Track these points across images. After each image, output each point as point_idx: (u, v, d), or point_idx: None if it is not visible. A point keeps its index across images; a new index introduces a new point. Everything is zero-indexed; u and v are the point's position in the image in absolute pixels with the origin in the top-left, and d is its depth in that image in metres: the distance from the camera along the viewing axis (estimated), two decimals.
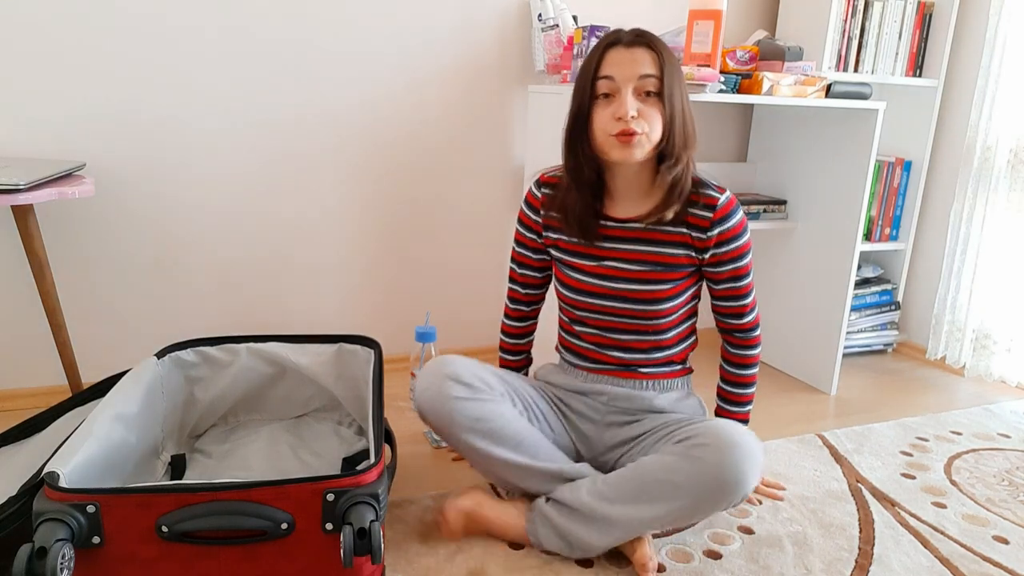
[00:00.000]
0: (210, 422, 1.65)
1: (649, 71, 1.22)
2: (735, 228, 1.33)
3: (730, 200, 1.32)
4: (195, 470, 1.48)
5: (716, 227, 1.31)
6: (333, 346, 1.62)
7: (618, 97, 1.23)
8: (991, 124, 2.21)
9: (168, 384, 1.51)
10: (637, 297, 1.34)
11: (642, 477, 1.22)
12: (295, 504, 1.03)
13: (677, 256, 1.34)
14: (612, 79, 1.23)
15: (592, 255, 1.37)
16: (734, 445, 1.17)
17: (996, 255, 2.25)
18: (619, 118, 1.22)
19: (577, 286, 1.38)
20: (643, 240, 1.34)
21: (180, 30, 1.76)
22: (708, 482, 1.17)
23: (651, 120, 1.23)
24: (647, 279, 1.34)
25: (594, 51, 1.26)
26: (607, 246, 1.36)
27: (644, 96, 1.23)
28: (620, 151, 1.24)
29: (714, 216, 1.31)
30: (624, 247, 1.35)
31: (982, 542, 1.43)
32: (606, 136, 1.24)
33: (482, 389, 1.31)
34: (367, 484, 1.06)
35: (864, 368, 2.39)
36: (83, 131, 1.73)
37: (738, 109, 2.41)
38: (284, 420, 1.71)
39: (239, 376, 1.61)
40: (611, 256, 1.35)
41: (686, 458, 1.19)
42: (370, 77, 1.95)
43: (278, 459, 1.53)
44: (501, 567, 1.27)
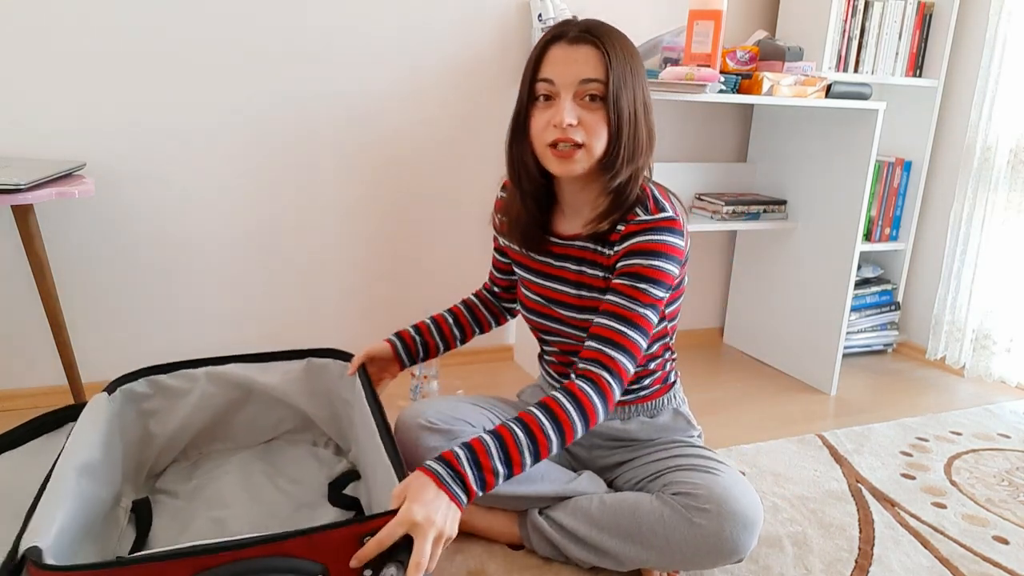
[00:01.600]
0: (170, 458, 1.49)
1: (593, 75, 1.07)
2: (645, 245, 1.12)
3: (656, 220, 1.12)
4: (164, 515, 1.33)
5: (623, 241, 1.14)
6: (301, 362, 1.49)
7: (557, 102, 1.09)
8: (991, 124, 2.21)
9: (122, 422, 1.35)
10: (581, 325, 1.23)
11: (637, 519, 1.17)
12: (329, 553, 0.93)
13: (598, 278, 1.20)
14: (551, 82, 1.09)
15: (539, 271, 1.27)
16: (734, 515, 1.11)
17: (996, 255, 2.25)
18: (555, 126, 1.09)
19: (528, 304, 1.31)
20: (580, 260, 1.21)
21: (180, 30, 1.76)
22: (704, 549, 1.13)
23: (593, 130, 1.09)
24: (582, 306, 1.22)
25: (535, 47, 1.12)
26: (554, 264, 1.24)
27: (587, 101, 1.09)
28: (557, 164, 1.11)
29: (625, 230, 1.14)
30: (569, 267, 1.23)
31: (982, 542, 1.43)
32: (543, 145, 1.11)
33: (457, 431, 1.23)
34: None
35: (864, 368, 2.39)
36: (83, 131, 1.73)
37: (738, 109, 2.41)
38: (253, 447, 1.55)
39: (199, 404, 1.45)
40: (557, 275, 1.24)
41: (684, 520, 1.13)
42: (370, 77, 1.95)
43: (257, 491, 1.40)
44: (501, 567, 1.27)
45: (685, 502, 1.15)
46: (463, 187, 2.13)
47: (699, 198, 2.26)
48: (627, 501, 1.20)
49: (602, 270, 1.19)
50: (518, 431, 1.02)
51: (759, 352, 2.43)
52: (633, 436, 1.33)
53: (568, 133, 1.08)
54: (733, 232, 2.53)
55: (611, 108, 1.09)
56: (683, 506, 1.15)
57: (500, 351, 2.29)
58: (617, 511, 1.20)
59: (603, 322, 1.12)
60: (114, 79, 1.73)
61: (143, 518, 1.31)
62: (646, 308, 1.11)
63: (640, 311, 1.11)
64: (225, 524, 1.28)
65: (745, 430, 1.88)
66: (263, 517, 1.31)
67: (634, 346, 1.11)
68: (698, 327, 2.60)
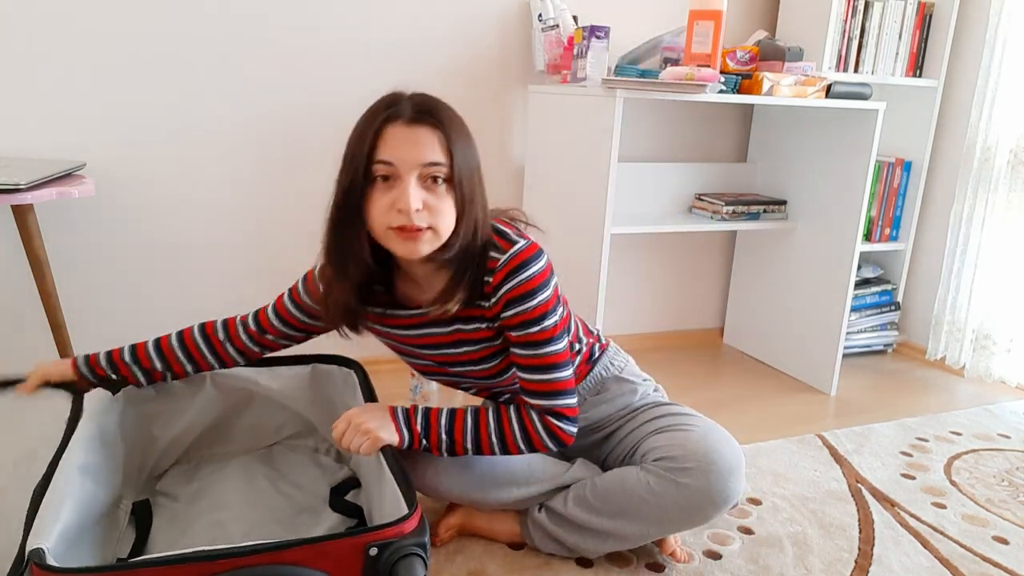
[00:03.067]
0: (171, 460, 1.48)
1: (436, 158, 1.03)
2: (521, 287, 1.10)
3: (515, 256, 1.10)
4: (164, 517, 1.31)
5: (497, 290, 1.11)
6: (305, 367, 1.49)
7: (399, 184, 1.02)
8: (991, 124, 2.21)
9: (124, 423, 1.34)
10: (478, 376, 1.23)
11: (627, 494, 1.19)
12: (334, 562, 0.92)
13: (480, 331, 1.17)
14: (391, 164, 1.02)
15: (411, 344, 1.23)
16: (716, 466, 1.14)
17: (996, 255, 2.25)
18: (399, 210, 1.02)
19: (421, 369, 1.29)
20: (453, 320, 1.16)
21: (180, 30, 1.76)
22: (697, 504, 1.16)
23: (439, 212, 1.04)
24: (474, 360, 1.20)
25: (368, 123, 1.05)
26: (423, 333, 1.20)
27: (431, 183, 1.04)
28: (403, 245, 1.04)
29: (494, 280, 1.11)
30: (436, 331, 1.19)
31: (982, 542, 1.43)
32: (384, 228, 1.04)
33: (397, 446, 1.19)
34: (412, 533, 0.96)
35: (864, 368, 2.39)
36: (83, 131, 1.73)
37: (738, 109, 2.41)
38: (254, 451, 1.54)
39: (202, 407, 1.44)
40: (431, 343, 1.21)
41: (670, 483, 1.16)
42: (371, 77, 1.95)
43: (258, 495, 1.38)
44: (501, 567, 1.27)
45: (667, 465, 1.17)
46: None
47: (699, 198, 2.26)
48: (614, 478, 1.23)
49: (484, 321, 1.16)
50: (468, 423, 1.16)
51: (759, 352, 2.43)
52: (592, 420, 1.35)
53: (415, 219, 1.02)
54: (733, 232, 2.52)
55: (458, 190, 1.06)
56: (666, 469, 1.17)
57: None
58: (608, 490, 1.22)
59: (527, 376, 1.15)
60: (114, 80, 1.73)
61: (143, 520, 1.30)
62: (552, 344, 1.13)
63: (548, 350, 1.13)
64: (225, 527, 1.28)
65: (745, 430, 1.88)
66: (263, 521, 1.31)
67: (564, 384, 1.15)
68: (698, 327, 2.60)
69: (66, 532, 0.98)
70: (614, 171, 1.77)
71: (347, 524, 1.31)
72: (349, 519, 1.33)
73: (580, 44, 1.88)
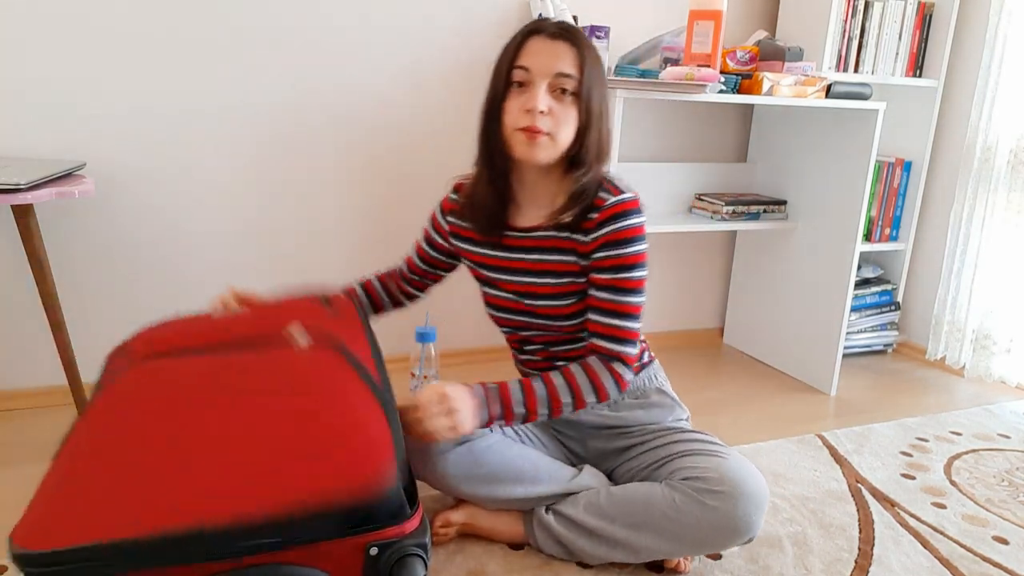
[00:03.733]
0: None
1: (568, 70, 1.13)
2: (622, 232, 1.18)
3: (624, 202, 1.18)
4: None
5: (600, 228, 1.19)
6: None
7: (530, 89, 1.14)
8: (991, 124, 2.21)
9: None
10: (550, 313, 1.26)
11: (649, 507, 1.19)
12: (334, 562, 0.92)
13: (568, 263, 1.23)
14: (527, 70, 1.14)
15: (499, 267, 1.29)
16: (747, 496, 1.14)
17: (996, 255, 2.25)
18: (527, 111, 1.13)
19: (497, 304, 1.32)
20: (544, 249, 1.24)
21: (180, 30, 1.76)
22: (718, 529, 1.15)
23: (561, 121, 1.15)
24: (553, 294, 1.25)
25: (515, 37, 1.17)
26: (511, 256, 1.27)
27: (559, 94, 1.14)
28: (524, 148, 1.15)
29: (599, 217, 1.19)
30: (528, 257, 1.25)
31: (982, 542, 1.43)
32: (513, 129, 1.16)
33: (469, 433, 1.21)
34: (412, 533, 0.95)
35: (864, 368, 2.39)
36: (83, 131, 1.73)
37: (738, 109, 2.41)
38: None
39: None
40: (517, 268, 1.27)
41: (697, 503, 1.16)
42: (370, 77, 1.95)
43: None
44: (501, 567, 1.27)
45: (697, 485, 1.17)
46: None
47: (699, 198, 2.26)
48: (636, 491, 1.22)
49: (575, 255, 1.22)
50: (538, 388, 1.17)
51: (759, 352, 2.43)
52: (625, 422, 1.35)
53: (538, 120, 1.13)
54: (733, 232, 2.53)
55: (583, 104, 1.15)
56: (695, 490, 1.17)
57: (501, 351, 2.29)
58: (627, 501, 1.21)
59: (598, 319, 1.21)
60: (114, 79, 1.73)
61: None
62: (634, 295, 1.20)
63: (630, 300, 1.20)
64: None
65: (745, 430, 1.88)
66: None
67: (632, 333, 1.21)
68: (698, 327, 2.60)
69: None
70: (614, 171, 1.77)
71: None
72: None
73: None
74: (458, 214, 1.34)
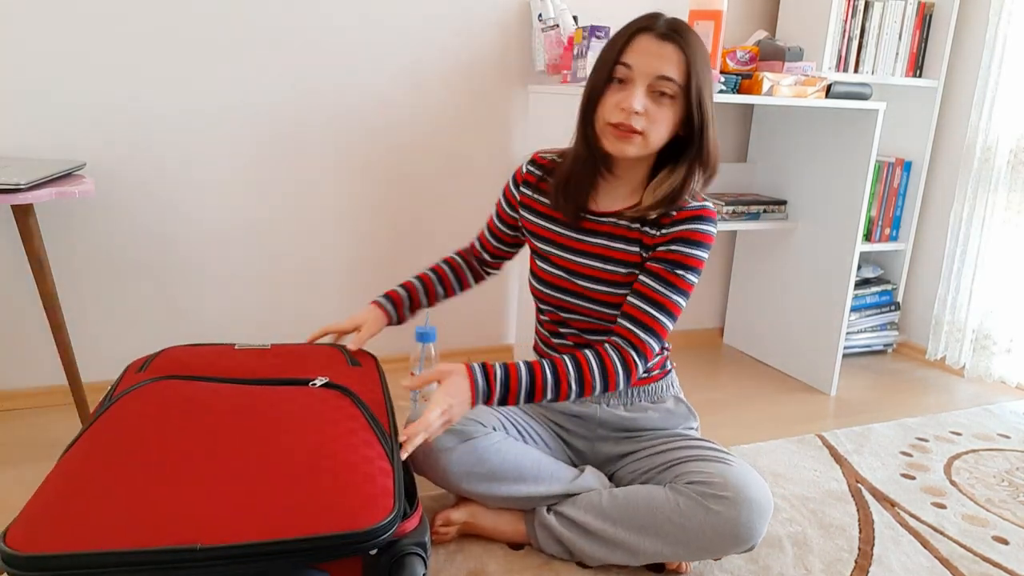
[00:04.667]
0: None
1: (670, 73, 1.13)
2: (694, 233, 1.20)
3: (704, 209, 1.21)
4: None
5: (673, 226, 1.21)
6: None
7: (630, 88, 1.14)
8: (991, 124, 2.21)
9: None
10: (599, 299, 1.27)
11: (652, 510, 1.19)
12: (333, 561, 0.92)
13: (631, 254, 1.25)
14: (630, 68, 1.14)
15: (566, 246, 1.30)
16: (751, 502, 1.14)
17: (996, 255, 2.25)
18: (622, 108, 1.14)
19: (546, 278, 1.32)
20: (611, 235, 1.26)
21: (180, 30, 1.76)
22: (721, 535, 1.15)
23: (657, 122, 1.15)
24: (607, 280, 1.26)
25: (624, 30, 1.17)
26: (584, 239, 1.28)
27: (658, 96, 1.14)
28: (613, 143, 1.17)
29: (677, 215, 1.21)
30: (599, 242, 1.27)
31: (982, 542, 1.43)
32: (605, 123, 1.17)
33: (472, 431, 1.25)
34: (411, 533, 0.96)
35: (864, 368, 2.39)
36: (83, 131, 1.73)
37: (738, 109, 2.41)
38: None
39: None
40: (584, 250, 1.28)
41: (702, 508, 1.15)
42: (370, 77, 1.95)
43: None
44: (501, 567, 1.27)
45: (701, 490, 1.17)
46: (462, 186, 2.13)
47: None
48: (639, 493, 1.22)
49: (640, 247, 1.24)
50: (547, 371, 1.16)
51: (759, 352, 2.43)
52: (639, 426, 1.35)
53: (632, 119, 1.14)
54: (733, 232, 2.53)
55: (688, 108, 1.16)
56: (699, 494, 1.16)
57: (501, 351, 2.29)
58: (630, 503, 1.21)
59: (636, 303, 1.21)
60: (115, 79, 1.73)
61: None
62: (680, 295, 1.20)
63: (673, 297, 1.20)
64: None
65: (745, 430, 1.88)
66: None
67: (663, 330, 1.21)
68: (698, 327, 2.60)
69: None
70: None
71: None
72: None
73: (580, 44, 1.88)
74: (534, 187, 1.35)
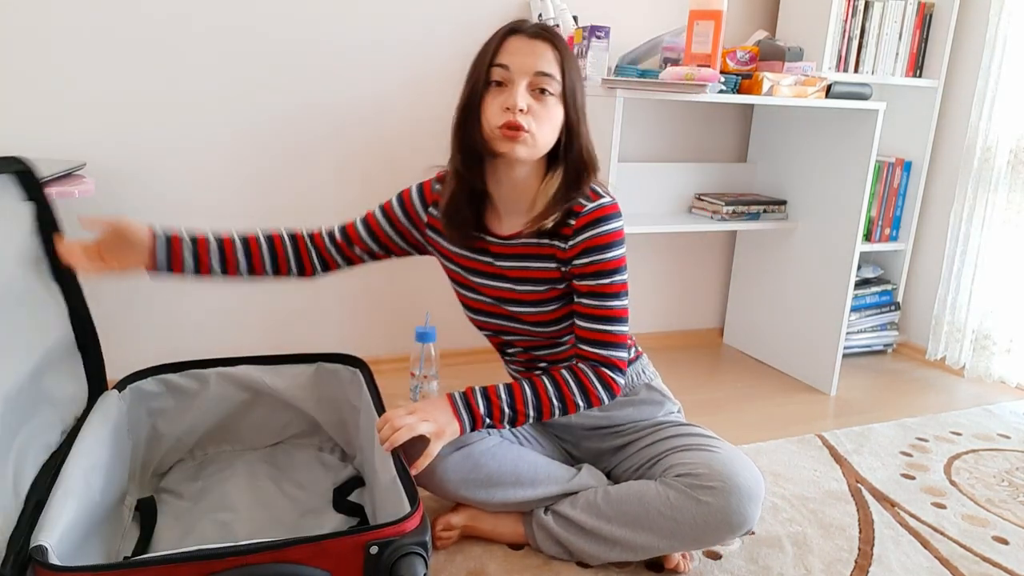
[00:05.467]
0: (176, 458, 1.48)
1: (548, 69, 1.13)
2: (601, 237, 1.17)
3: (602, 208, 1.18)
4: (168, 515, 1.32)
5: (578, 235, 1.18)
6: (311, 366, 1.48)
7: (510, 88, 1.13)
8: (991, 124, 2.21)
9: (131, 420, 1.35)
10: (532, 320, 1.26)
11: (644, 505, 1.19)
12: (334, 561, 0.93)
13: (549, 270, 1.22)
14: (507, 68, 1.13)
15: (479, 271, 1.28)
16: (739, 489, 1.14)
17: (996, 256, 2.25)
18: (507, 108, 1.12)
19: (474, 306, 1.31)
20: (526, 257, 1.23)
21: (181, 30, 1.76)
22: (713, 524, 1.15)
23: (541, 119, 1.13)
24: (534, 300, 1.24)
25: (493, 37, 1.17)
26: (495, 263, 1.26)
27: (538, 94, 1.13)
28: (505, 144, 1.13)
29: (576, 223, 1.18)
30: (511, 265, 1.24)
31: (982, 543, 1.43)
32: (492, 128, 1.14)
33: (465, 438, 1.22)
34: (412, 532, 0.96)
35: (864, 368, 2.39)
36: (83, 130, 1.73)
37: (738, 109, 2.41)
38: (258, 449, 1.54)
39: (208, 405, 1.45)
40: (500, 274, 1.26)
41: (691, 499, 1.16)
42: (370, 78, 1.95)
43: (262, 495, 1.38)
44: (501, 567, 1.27)
45: (689, 482, 1.17)
46: None
47: (699, 198, 2.26)
48: (631, 489, 1.23)
49: (555, 262, 1.22)
50: (527, 389, 1.18)
51: (759, 352, 2.43)
52: (615, 421, 1.35)
53: (518, 117, 1.12)
54: (733, 232, 2.53)
55: (567, 103, 1.15)
56: (688, 486, 1.17)
57: None
58: (622, 500, 1.22)
59: (586, 325, 1.20)
60: (114, 79, 1.73)
61: (147, 517, 1.30)
62: (618, 299, 1.20)
63: (615, 304, 1.19)
64: (230, 528, 1.28)
65: (745, 430, 1.88)
66: (268, 522, 1.31)
67: (622, 337, 1.21)
68: (698, 327, 2.60)
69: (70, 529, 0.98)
70: (614, 171, 1.78)
71: (350, 524, 1.32)
72: (352, 519, 1.34)
73: (580, 44, 1.88)
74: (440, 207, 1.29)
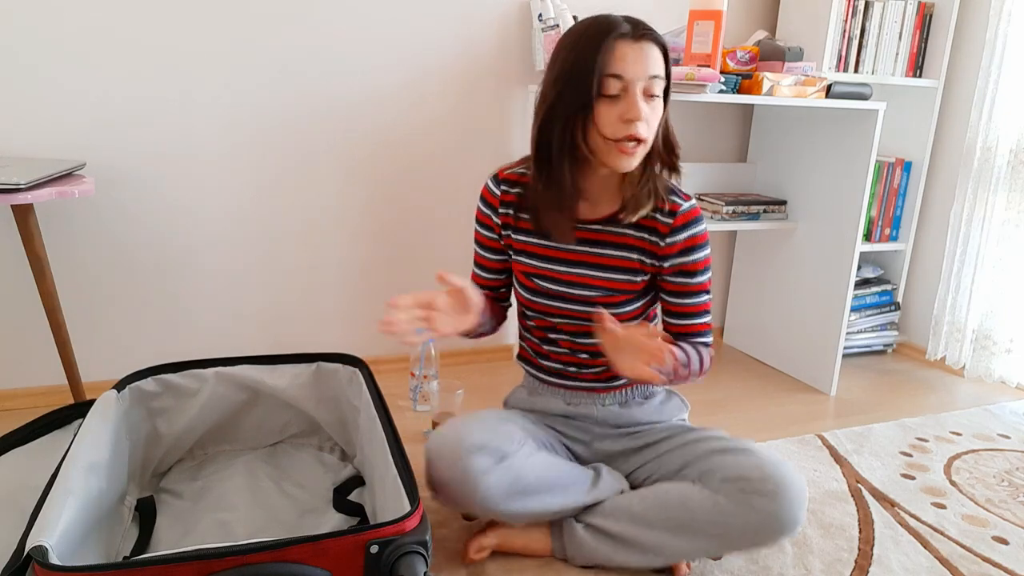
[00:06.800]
0: (176, 457, 1.49)
1: (658, 71, 1.11)
2: (697, 238, 1.24)
3: (694, 209, 1.23)
4: (167, 515, 1.32)
5: (677, 233, 1.23)
6: (311, 366, 1.49)
7: (626, 98, 1.10)
8: (991, 124, 2.21)
9: (130, 420, 1.36)
10: (600, 301, 1.26)
11: (690, 511, 1.17)
12: (334, 560, 0.93)
13: (631, 260, 1.25)
14: (621, 78, 1.09)
15: (558, 259, 1.28)
16: (793, 492, 1.13)
17: (996, 255, 2.25)
18: (628, 120, 1.09)
19: (540, 290, 1.29)
20: (604, 243, 1.26)
21: (181, 31, 1.76)
22: (766, 527, 1.14)
23: (652, 123, 1.13)
24: (606, 287, 1.26)
25: (594, 41, 1.10)
26: (576, 249, 1.27)
27: (648, 98, 1.12)
28: (619, 159, 1.13)
29: (675, 223, 1.22)
30: (592, 250, 1.26)
31: (982, 543, 1.43)
32: (605, 141, 1.12)
33: (506, 449, 1.18)
34: (412, 531, 0.97)
35: (864, 368, 2.39)
36: (83, 131, 1.73)
37: (738, 109, 2.41)
38: (258, 449, 1.55)
39: (208, 405, 1.45)
40: (579, 260, 1.27)
41: (743, 504, 1.14)
42: (370, 78, 1.95)
43: (262, 495, 1.38)
44: (501, 567, 1.27)
45: (742, 486, 1.15)
46: (465, 187, 2.13)
47: (699, 198, 2.26)
48: (672, 494, 1.20)
49: (643, 254, 1.26)
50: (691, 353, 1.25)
51: (759, 352, 2.43)
52: (635, 420, 1.35)
53: (640, 129, 1.11)
54: (733, 232, 2.53)
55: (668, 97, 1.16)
56: (740, 490, 1.15)
57: (500, 351, 2.29)
58: (664, 505, 1.20)
59: (680, 323, 1.30)
60: (114, 79, 1.73)
61: (147, 517, 1.30)
62: (706, 295, 1.29)
63: (703, 299, 1.28)
64: (230, 527, 1.28)
65: (745, 430, 1.88)
66: (268, 522, 1.31)
67: (707, 326, 1.31)
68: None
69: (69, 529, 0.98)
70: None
71: (350, 524, 1.31)
72: (351, 518, 1.34)
73: None
74: (514, 205, 1.29)
